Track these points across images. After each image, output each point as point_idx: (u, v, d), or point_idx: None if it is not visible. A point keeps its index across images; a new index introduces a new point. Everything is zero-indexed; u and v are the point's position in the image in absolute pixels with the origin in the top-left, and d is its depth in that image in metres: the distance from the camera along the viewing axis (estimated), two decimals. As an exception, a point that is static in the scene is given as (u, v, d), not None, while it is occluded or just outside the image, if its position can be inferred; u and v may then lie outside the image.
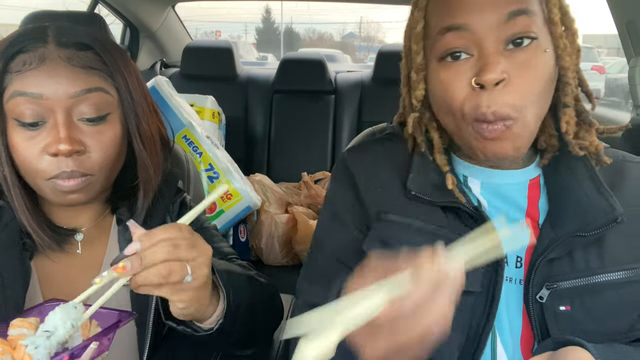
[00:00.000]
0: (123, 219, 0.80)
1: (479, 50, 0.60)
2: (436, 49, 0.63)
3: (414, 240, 0.66)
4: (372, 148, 0.77)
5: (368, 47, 40.88)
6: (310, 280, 0.73)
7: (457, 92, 0.61)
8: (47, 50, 0.68)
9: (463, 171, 0.71)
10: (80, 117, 0.68)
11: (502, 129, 0.60)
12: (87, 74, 0.69)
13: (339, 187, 0.76)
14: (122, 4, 2.19)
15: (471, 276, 0.64)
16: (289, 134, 2.31)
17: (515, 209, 0.68)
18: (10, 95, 0.67)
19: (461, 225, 0.66)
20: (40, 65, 0.67)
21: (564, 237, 0.62)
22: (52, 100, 0.66)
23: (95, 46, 0.71)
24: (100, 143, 0.70)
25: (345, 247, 0.71)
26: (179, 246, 0.56)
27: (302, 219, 1.66)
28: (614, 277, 0.62)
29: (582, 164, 0.67)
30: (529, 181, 0.69)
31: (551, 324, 0.62)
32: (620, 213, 0.62)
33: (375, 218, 0.69)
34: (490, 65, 0.58)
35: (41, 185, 0.69)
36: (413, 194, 0.68)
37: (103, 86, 0.70)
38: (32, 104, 0.66)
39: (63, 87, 0.67)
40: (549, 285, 0.62)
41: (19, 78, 0.67)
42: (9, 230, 0.70)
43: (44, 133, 0.67)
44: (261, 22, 46.82)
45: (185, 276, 0.56)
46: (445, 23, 0.61)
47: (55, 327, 0.51)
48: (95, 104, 0.69)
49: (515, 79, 0.59)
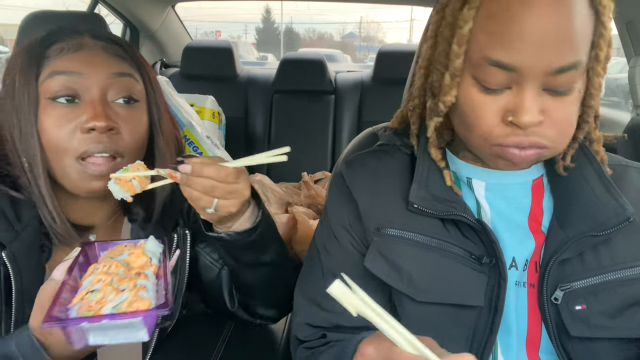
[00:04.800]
0: (137, 218, 0.81)
1: (518, 87, 0.57)
2: (476, 71, 0.58)
3: (415, 254, 0.66)
4: (370, 163, 0.76)
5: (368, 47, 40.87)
6: (309, 298, 0.73)
7: (489, 118, 0.59)
8: (84, 40, 0.73)
9: (467, 173, 0.71)
10: (114, 99, 0.72)
11: (533, 156, 0.59)
12: (120, 61, 0.74)
13: (336, 202, 0.75)
14: (122, 4, 2.19)
15: (474, 290, 0.64)
16: (289, 134, 2.31)
17: (518, 210, 0.68)
18: (47, 74, 0.70)
19: (462, 238, 0.66)
20: (78, 51, 0.72)
21: (575, 237, 0.62)
22: (90, 79, 0.70)
23: (121, 42, 0.77)
24: (132, 125, 0.73)
25: (343, 264, 0.71)
26: (216, 187, 0.64)
27: (302, 219, 1.66)
28: (628, 273, 0.62)
29: (589, 164, 0.67)
30: (532, 181, 0.69)
31: (569, 324, 0.62)
32: (631, 213, 0.62)
33: (375, 233, 0.69)
34: (527, 110, 0.56)
35: (68, 167, 0.70)
36: (415, 206, 0.67)
37: (132, 74, 0.75)
38: (70, 82, 0.70)
39: (100, 68, 0.72)
40: (563, 286, 0.62)
41: (58, 60, 0.71)
42: (30, 230, 0.69)
43: (78, 111, 0.70)
44: (261, 22, 46.84)
45: (208, 208, 0.65)
46: (495, 55, 0.56)
47: (153, 252, 0.63)
48: (127, 88, 0.74)
49: (552, 118, 0.57)
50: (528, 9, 0.53)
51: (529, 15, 0.53)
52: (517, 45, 0.54)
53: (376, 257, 0.67)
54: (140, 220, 0.81)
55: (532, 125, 0.56)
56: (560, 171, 0.67)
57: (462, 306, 0.64)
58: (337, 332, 0.69)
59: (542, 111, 0.57)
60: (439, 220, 0.67)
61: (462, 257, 0.65)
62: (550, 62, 0.54)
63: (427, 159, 0.70)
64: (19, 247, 0.67)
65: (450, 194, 0.68)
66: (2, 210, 0.67)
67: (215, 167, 0.63)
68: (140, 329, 0.52)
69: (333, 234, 0.73)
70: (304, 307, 0.73)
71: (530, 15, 0.53)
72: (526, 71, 0.55)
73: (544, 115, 0.57)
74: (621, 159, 0.72)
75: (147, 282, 0.56)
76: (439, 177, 0.69)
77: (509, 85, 0.57)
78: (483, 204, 0.68)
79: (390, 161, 0.75)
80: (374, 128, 0.98)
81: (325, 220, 0.76)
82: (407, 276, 0.65)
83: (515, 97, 0.57)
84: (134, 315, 0.51)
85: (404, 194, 0.69)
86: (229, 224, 0.72)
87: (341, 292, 0.45)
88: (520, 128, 0.57)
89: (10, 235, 0.67)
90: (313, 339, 0.70)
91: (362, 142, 0.98)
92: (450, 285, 0.65)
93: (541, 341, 0.65)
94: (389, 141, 0.79)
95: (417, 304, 0.65)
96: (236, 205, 0.66)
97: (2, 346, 0.59)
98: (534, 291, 0.65)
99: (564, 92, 0.57)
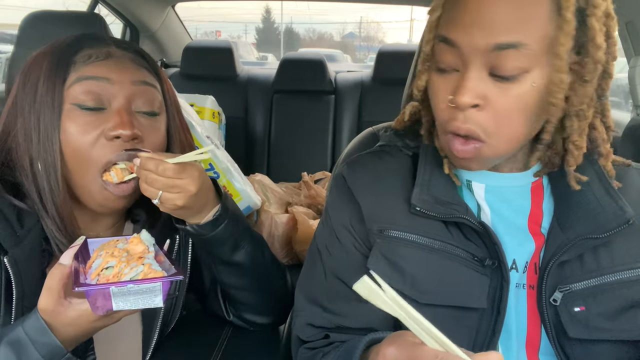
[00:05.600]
0: (139, 219, 0.82)
1: (464, 68, 0.58)
2: (434, 53, 0.62)
3: (418, 256, 0.66)
4: (371, 163, 0.75)
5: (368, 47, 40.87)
6: (310, 299, 0.73)
7: (440, 101, 0.61)
8: (112, 50, 0.74)
9: (466, 176, 0.71)
10: (138, 110, 0.73)
11: (471, 152, 0.60)
12: (144, 71, 0.76)
13: (337, 203, 0.75)
14: (122, 4, 2.19)
15: (476, 292, 0.64)
16: (289, 134, 2.31)
17: (518, 212, 0.68)
18: (74, 80, 0.70)
19: (465, 240, 0.66)
20: (107, 59, 0.73)
21: (575, 239, 0.62)
22: (117, 87, 0.71)
23: (145, 54, 0.79)
24: (154, 137, 0.74)
25: (343, 265, 0.71)
26: (156, 180, 0.67)
27: (302, 219, 1.66)
28: (627, 275, 0.62)
29: (590, 166, 0.67)
30: (532, 184, 0.69)
31: (568, 326, 0.62)
32: (631, 215, 0.62)
33: (378, 235, 0.69)
34: (465, 89, 0.57)
35: (90, 182, 0.70)
36: (418, 209, 0.67)
37: (155, 85, 0.77)
38: (98, 88, 0.70)
39: (127, 75, 0.73)
40: (562, 287, 0.62)
41: (86, 66, 0.71)
42: (32, 237, 0.69)
43: (102, 118, 0.70)
44: (261, 22, 46.83)
45: (154, 199, 0.69)
46: (443, 32, 0.59)
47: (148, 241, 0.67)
48: (150, 99, 0.75)
49: (492, 106, 0.57)
50: None
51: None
52: (459, 22, 0.57)
53: (379, 259, 0.67)
54: (143, 220, 0.82)
55: (467, 105, 0.57)
56: (572, 183, 0.64)
57: (465, 308, 0.64)
58: (340, 333, 0.69)
59: (484, 96, 0.57)
60: (442, 222, 0.67)
61: (465, 260, 0.65)
62: (485, 38, 0.55)
63: (429, 162, 0.70)
64: (21, 253, 0.66)
65: (452, 197, 0.68)
66: (5, 216, 0.67)
67: (155, 162, 0.67)
68: (158, 295, 0.59)
69: (335, 234, 0.73)
70: (305, 308, 0.73)
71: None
72: (465, 46, 0.56)
73: (485, 101, 0.57)
74: (621, 160, 0.72)
75: (152, 262, 0.62)
76: (441, 180, 0.69)
77: (457, 67, 0.59)
78: (483, 207, 0.68)
79: (392, 162, 0.75)
80: (374, 128, 0.98)
81: (326, 221, 0.76)
82: (411, 278, 0.65)
83: (460, 79, 0.58)
84: (154, 280, 0.58)
85: (406, 195, 0.69)
86: (196, 219, 0.75)
87: (367, 288, 0.44)
88: (459, 111, 0.58)
89: (13, 241, 0.66)
90: (315, 339, 0.70)
91: (362, 142, 0.98)
92: (453, 288, 0.65)
93: (541, 343, 0.65)
94: (389, 142, 0.79)
95: (420, 306, 0.65)
96: (182, 199, 0.69)
97: (10, 332, 0.60)
98: (534, 293, 0.65)
99: (509, 77, 0.56)
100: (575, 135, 0.62)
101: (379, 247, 0.68)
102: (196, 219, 0.74)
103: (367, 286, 0.44)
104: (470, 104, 0.57)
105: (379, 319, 0.70)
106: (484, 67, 0.56)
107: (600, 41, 0.56)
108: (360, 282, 0.44)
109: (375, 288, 0.44)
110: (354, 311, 0.69)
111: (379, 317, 0.70)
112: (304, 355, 0.71)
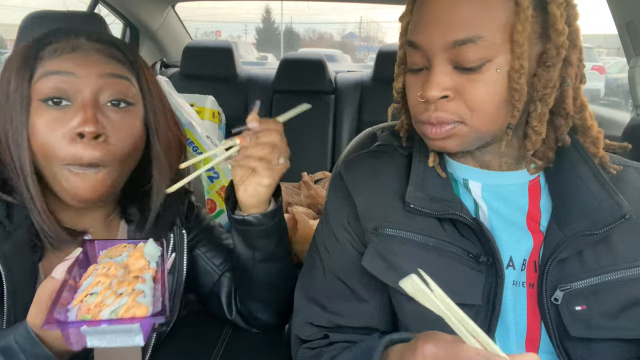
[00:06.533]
0: (133, 219, 0.81)
1: (431, 66, 0.62)
2: (406, 56, 0.66)
3: (412, 254, 0.66)
4: (368, 163, 0.76)
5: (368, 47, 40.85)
6: (309, 298, 0.73)
7: (413, 97, 0.66)
8: (79, 42, 0.72)
9: (463, 174, 0.71)
10: (106, 101, 0.70)
11: (445, 132, 0.63)
12: (115, 63, 0.72)
13: (335, 202, 0.76)
14: (122, 4, 2.19)
15: (471, 289, 0.64)
16: (289, 134, 2.27)
17: (516, 210, 0.68)
18: (40, 75, 0.68)
19: (460, 237, 0.66)
20: (72, 52, 0.70)
21: (572, 236, 0.62)
22: (82, 80, 0.68)
23: (119, 44, 0.75)
24: (123, 131, 0.71)
25: (343, 264, 0.71)
26: (282, 139, 0.75)
27: (302, 219, 1.66)
28: (629, 273, 0.62)
29: (584, 163, 0.67)
30: (529, 182, 0.69)
31: (569, 324, 0.62)
32: (627, 210, 0.62)
33: (373, 233, 0.69)
34: (432, 84, 0.61)
35: (57, 173, 0.68)
36: (412, 207, 0.67)
37: (128, 77, 0.73)
38: (63, 83, 0.68)
39: (93, 68, 0.70)
40: (563, 286, 0.62)
41: (51, 61, 0.69)
42: (21, 231, 0.69)
43: (69, 114, 0.68)
44: (261, 22, 46.81)
45: (280, 158, 0.75)
46: (409, 36, 0.64)
47: (152, 255, 0.65)
48: (120, 90, 0.71)
49: (463, 95, 0.61)
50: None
51: (433, 1, 0.61)
52: (421, 25, 0.62)
53: (374, 256, 0.67)
54: (137, 221, 0.81)
55: (434, 98, 0.61)
56: (528, 167, 0.69)
57: (460, 305, 0.64)
58: (339, 333, 0.69)
59: (452, 88, 0.61)
60: (436, 219, 0.67)
61: (460, 256, 0.65)
62: (443, 37, 0.59)
63: (422, 160, 0.71)
64: (11, 247, 0.66)
65: (446, 194, 0.68)
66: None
67: (274, 121, 0.75)
68: (137, 335, 0.53)
69: (333, 233, 0.74)
70: (304, 307, 0.73)
71: (433, 1, 0.61)
72: (427, 47, 0.61)
73: (454, 92, 0.61)
74: (620, 159, 0.72)
75: (145, 286, 0.57)
76: (435, 178, 0.69)
77: (425, 65, 0.63)
78: (481, 204, 0.69)
79: (389, 161, 0.75)
80: (373, 128, 0.98)
81: (325, 220, 0.76)
82: (405, 275, 0.65)
83: (428, 75, 0.62)
84: (131, 321, 0.52)
85: (401, 194, 0.69)
86: (258, 208, 0.78)
87: (414, 286, 0.44)
88: (430, 104, 0.62)
89: (2, 236, 0.66)
90: (315, 338, 0.70)
91: (361, 142, 0.99)
92: (448, 284, 0.64)
93: (541, 341, 0.65)
94: (386, 142, 0.80)
95: (416, 303, 0.65)
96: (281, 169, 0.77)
97: (3, 340, 0.59)
98: (534, 291, 0.65)
99: (473, 68, 0.59)
100: (535, 121, 0.64)
101: (374, 245, 0.68)
102: (257, 209, 0.78)
103: (415, 284, 0.44)
104: (437, 96, 0.61)
105: (378, 318, 0.70)
106: (448, 62, 0.61)
107: (562, 27, 0.59)
108: (407, 279, 0.44)
109: (423, 287, 0.44)
110: (353, 311, 0.69)
111: (378, 317, 0.70)
112: (305, 355, 0.71)
